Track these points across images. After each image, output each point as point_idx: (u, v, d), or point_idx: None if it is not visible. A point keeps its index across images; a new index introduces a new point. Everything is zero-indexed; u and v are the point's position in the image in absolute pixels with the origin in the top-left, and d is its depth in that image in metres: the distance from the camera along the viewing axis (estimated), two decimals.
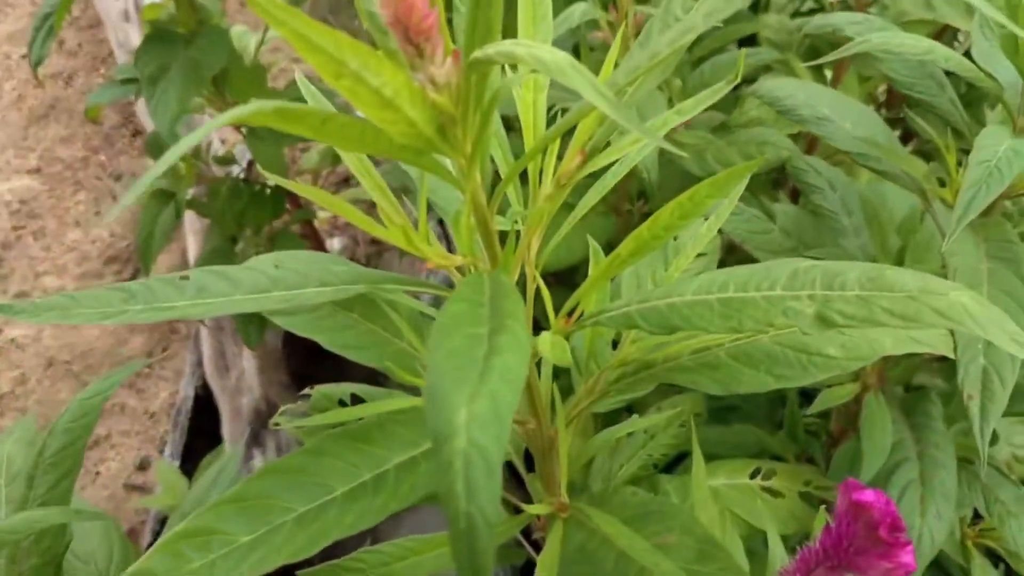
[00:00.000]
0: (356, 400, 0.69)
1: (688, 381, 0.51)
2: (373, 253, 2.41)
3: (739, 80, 0.45)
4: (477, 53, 0.32)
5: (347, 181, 2.49)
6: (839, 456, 0.83)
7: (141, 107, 2.06)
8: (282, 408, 0.70)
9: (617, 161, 0.46)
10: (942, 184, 0.66)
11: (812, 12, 1.37)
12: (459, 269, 0.46)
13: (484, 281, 0.37)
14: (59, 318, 0.43)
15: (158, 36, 1.32)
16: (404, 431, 0.47)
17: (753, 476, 0.77)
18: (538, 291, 0.48)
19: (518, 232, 0.46)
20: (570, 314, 0.48)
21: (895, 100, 1.23)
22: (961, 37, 1.20)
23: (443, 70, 0.33)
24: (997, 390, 0.51)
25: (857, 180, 0.99)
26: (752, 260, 0.82)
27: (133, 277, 2.19)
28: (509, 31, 0.36)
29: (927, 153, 1.14)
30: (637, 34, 0.91)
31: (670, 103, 1.01)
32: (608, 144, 0.43)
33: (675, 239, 0.70)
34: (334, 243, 2.23)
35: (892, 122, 1.26)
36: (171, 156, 0.25)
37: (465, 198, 0.37)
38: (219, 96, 1.48)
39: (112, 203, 2.21)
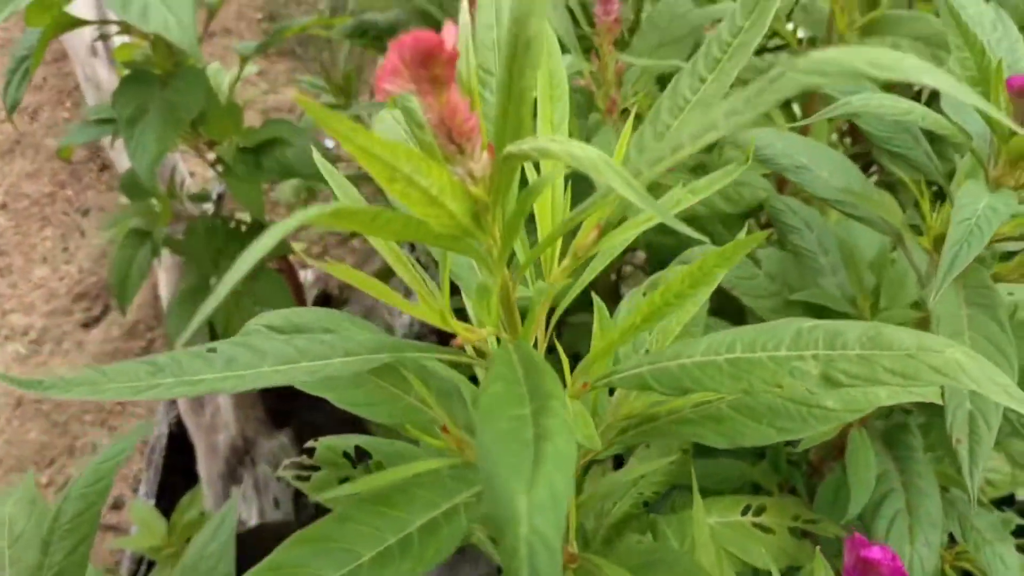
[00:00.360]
0: (360, 452, 0.70)
1: (692, 434, 0.53)
2: (346, 284, 2.41)
3: (749, 162, 0.48)
4: (512, 148, 0.34)
5: None
6: (824, 488, 0.86)
7: (110, 142, 2.05)
8: (285, 462, 0.71)
9: None
10: (918, 232, 0.69)
11: (778, 48, 1.42)
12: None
13: (512, 356, 0.39)
14: (89, 393, 0.43)
15: (135, 77, 1.32)
16: (425, 493, 0.49)
17: (744, 513, 0.79)
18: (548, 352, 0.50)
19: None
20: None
21: (858, 134, 1.28)
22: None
23: (480, 164, 0.35)
24: (984, 434, 0.54)
25: (827, 217, 1.02)
26: (734, 301, 0.85)
27: (103, 313, 2.16)
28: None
29: (890, 185, 1.19)
30: (619, 82, 0.94)
31: None
32: (624, 218, 0.45)
33: None
34: (307, 275, 2.23)
35: (854, 156, 1.30)
36: (250, 258, 0.26)
37: (495, 279, 0.39)
38: (194, 134, 1.49)
39: (80, 239, 2.19)
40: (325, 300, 2.34)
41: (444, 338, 0.48)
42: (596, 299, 0.56)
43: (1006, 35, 0.60)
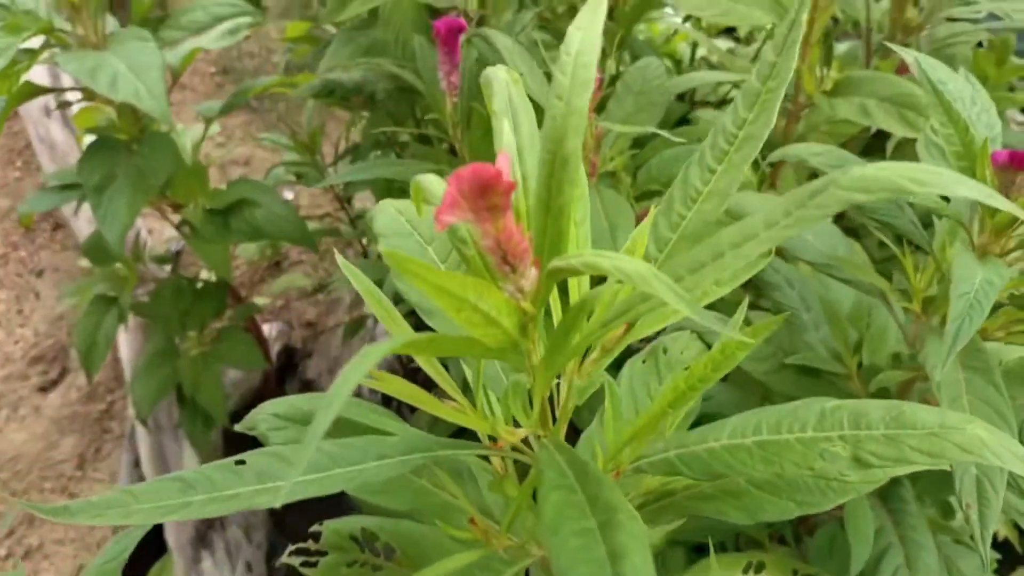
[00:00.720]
0: (367, 534, 0.69)
1: (713, 511, 0.54)
2: (309, 336, 2.39)
3: (771, 256, 0.49)
4: (559, 263, 0.35)
5: (278, 265, 2.48)
6: (819, 540, 0.87)
7: (75, 208, 2.00)
8: (291, 547, 0.70)
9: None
10: (905, 295, 0.71)
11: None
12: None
13: (559, 459, 0.40)
14: (120, 518, 0.42)
15: (101, 144, 1.30)
16: None
17: (746, 570, 0.80)
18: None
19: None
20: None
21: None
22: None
23: (529, 280, 0.35)
24: (992, 498, 0.56)
25: (798, 267, 1.05)
26: None
27: (61, 377, 2.10)
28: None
29: (854, 230, 1.22)
30: (597, 146, 0.96)
31: (628, 200, 1.06)
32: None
33: (665, 353, 0.74)
34: (271, 329, 2.20)
35: None
36: (342, 396, 0.26)
37: (537, 384, 0.39)
38: (160, 196, 1.47)
39: (35, 301, 2.13)
40: (289, 354, 2.31)
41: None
42: (608, 377, 0.56)
43: (984, 109, 0.63)
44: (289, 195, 2.50)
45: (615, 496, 0.35)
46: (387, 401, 1.88)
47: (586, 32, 0.37)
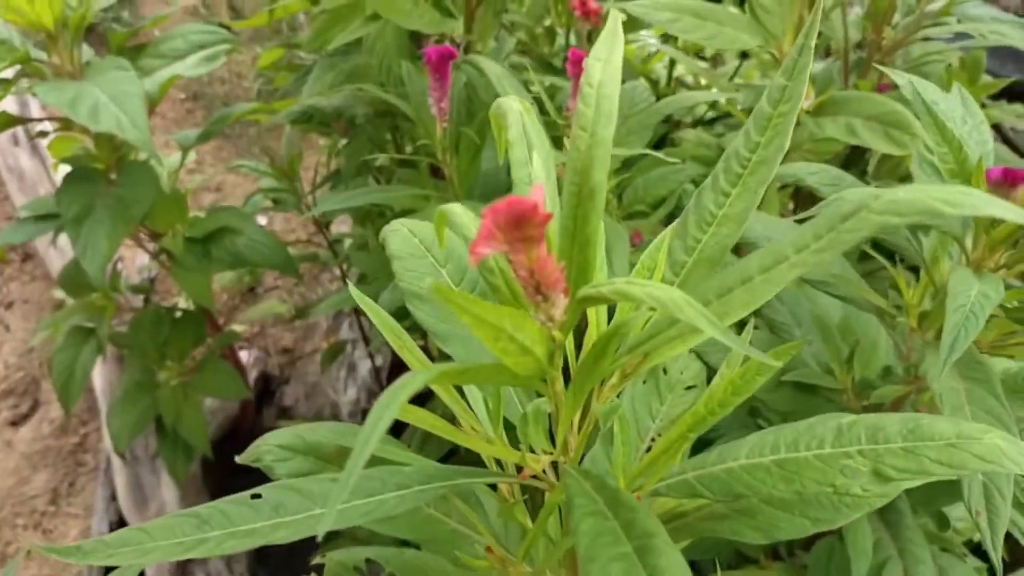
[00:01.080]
0: (371, 564, 0.68)
1: (728, 531, 0.54)
2: (286, 363, 2.37)
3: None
4: (590, 291, 0.35)
5: (252, 290, 2.46)
6: (817, 554, 0.87)
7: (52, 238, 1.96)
8: None
9: None
10: (899, 311, 0.72)
11: (714, 121, 1.48)
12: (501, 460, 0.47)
13: (585, 485, 0.39)
14: (135, 556, 0.41)
15: (78, 174, 1.29)
16: None
17: None
18: None
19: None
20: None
21: (803, 200, 1.33)
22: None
23: (559, 308, 0.35)
24: (1000, 505, 0.57)
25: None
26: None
27: (32, 410, 2.06)
28: None
29: None
30: None
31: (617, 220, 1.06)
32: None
33: (665, 373, 0.74)
34: (248, 356, 2.18)
35: (799, 222, 1.36)
36: (381, 429, 0.26)
37: (564, 410, 0.39)
38: (139, 225, 1.45)
39: (5, 333, 2.09)
40: (266, 380, 2.29)
41: None
42: (619, 408, 0.56)
43: (976, 128, 0.64)
44: (263, 220, 2.48)
45: (650, 521, 0.35)
46: None
47: (606, 63, 0.37)
